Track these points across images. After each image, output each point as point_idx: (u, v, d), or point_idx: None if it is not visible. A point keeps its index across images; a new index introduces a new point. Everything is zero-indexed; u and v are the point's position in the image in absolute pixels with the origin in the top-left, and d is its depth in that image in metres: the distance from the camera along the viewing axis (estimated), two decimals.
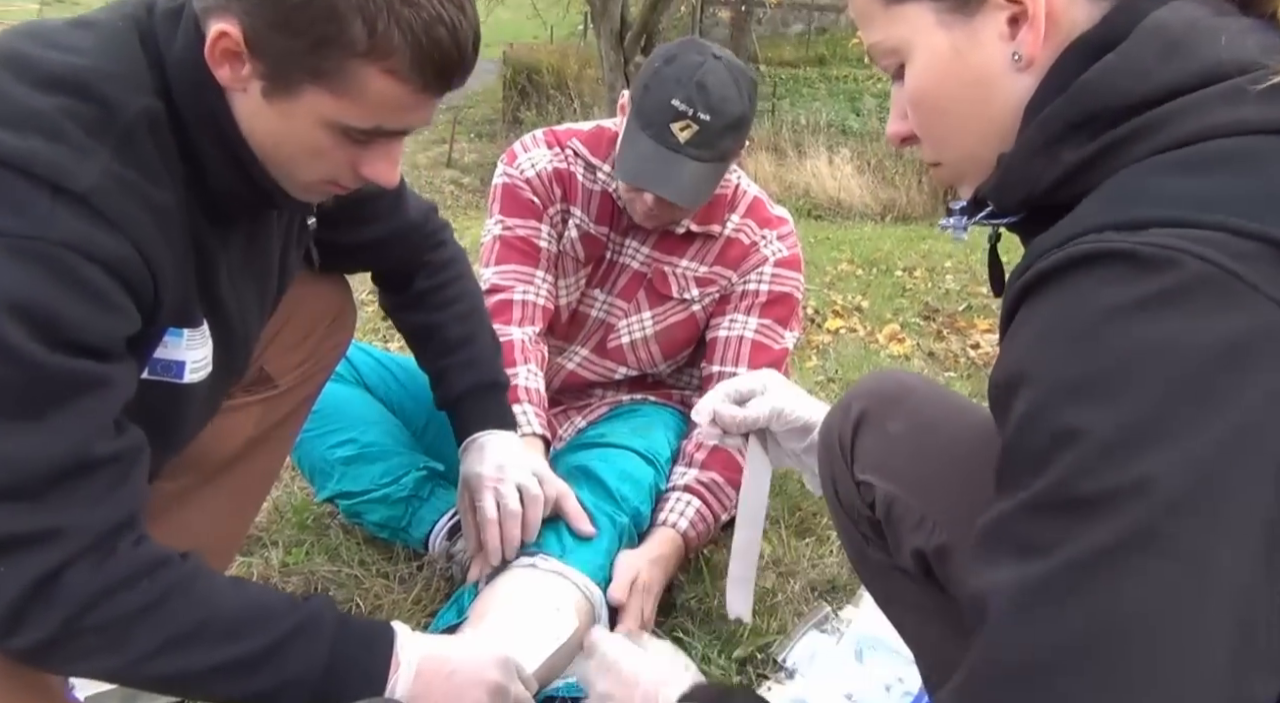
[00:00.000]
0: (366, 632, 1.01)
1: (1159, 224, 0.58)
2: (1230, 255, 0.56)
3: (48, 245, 0.81)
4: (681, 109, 1.55)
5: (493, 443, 1.43)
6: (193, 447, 1.32)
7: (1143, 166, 0.64)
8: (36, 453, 0.83)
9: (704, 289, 1.78)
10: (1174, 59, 0.65)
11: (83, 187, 0.83)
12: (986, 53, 0.73)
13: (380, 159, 0.97)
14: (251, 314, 1.13)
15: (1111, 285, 0.58)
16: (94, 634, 0.87)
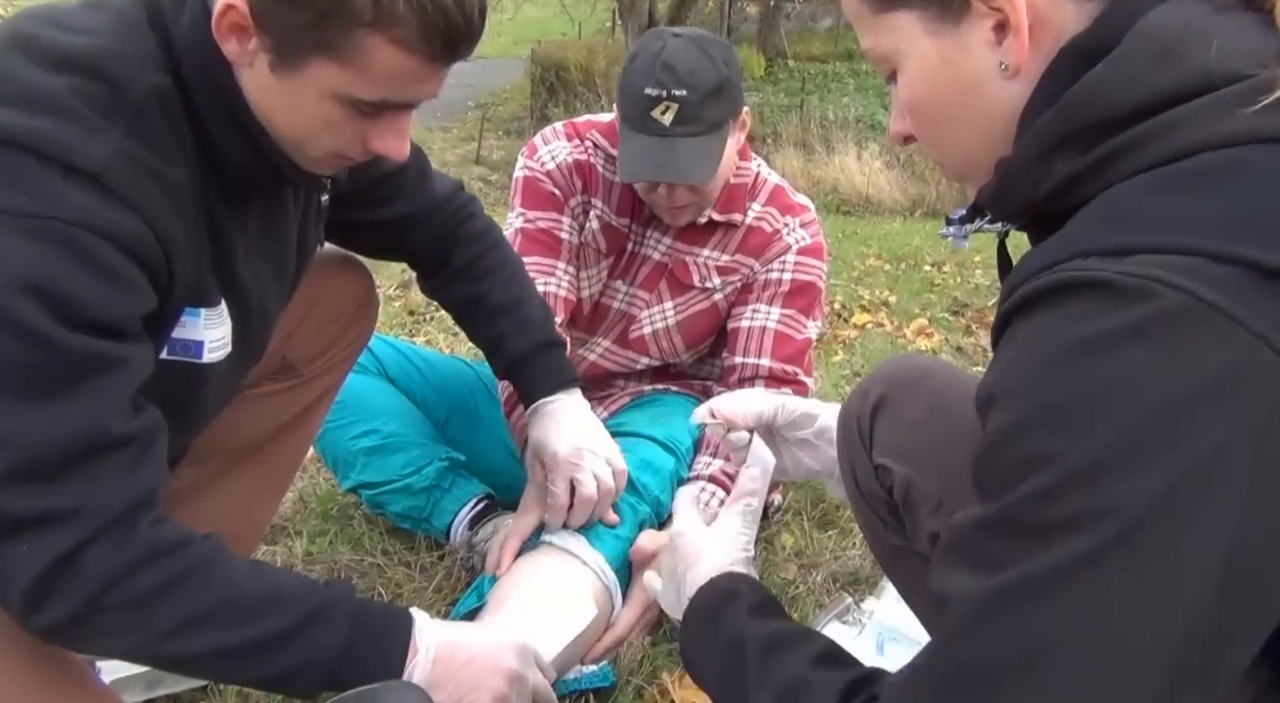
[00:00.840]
0: (384, 617, 1.01)
1: (1142, 250, 0.58)
2: (1209, 284, 0.55)
3: (61, 224, 0.81)
4: (654, 94, 1.55)
5: (566, 412, 1.42)
6: (217, 433, 1.34)
7: (1133, 184, 0.63)
8: (54, 432, 0.83)
9: (726, 278, 1.77)
10: (1167, 66, 0.63)
11: (94, 165, 0.83)
12: (974, 61, 0.72)
13: (389, 132, 0.97)
14: (270, 293, 1.13)
15: (1088, 315, 0.58)
16: (114, 612, 0.87)
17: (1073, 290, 0.59)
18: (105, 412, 0.86)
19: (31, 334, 0.81)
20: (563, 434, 1.40)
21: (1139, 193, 0.62)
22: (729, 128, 1.62)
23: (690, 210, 1.70)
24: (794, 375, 1.72)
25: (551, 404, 1.43)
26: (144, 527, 0.89)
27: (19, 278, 0.80)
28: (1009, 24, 0.69)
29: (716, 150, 1.59)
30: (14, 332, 0.80)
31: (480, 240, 1.47)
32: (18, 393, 0.82)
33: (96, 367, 0.86)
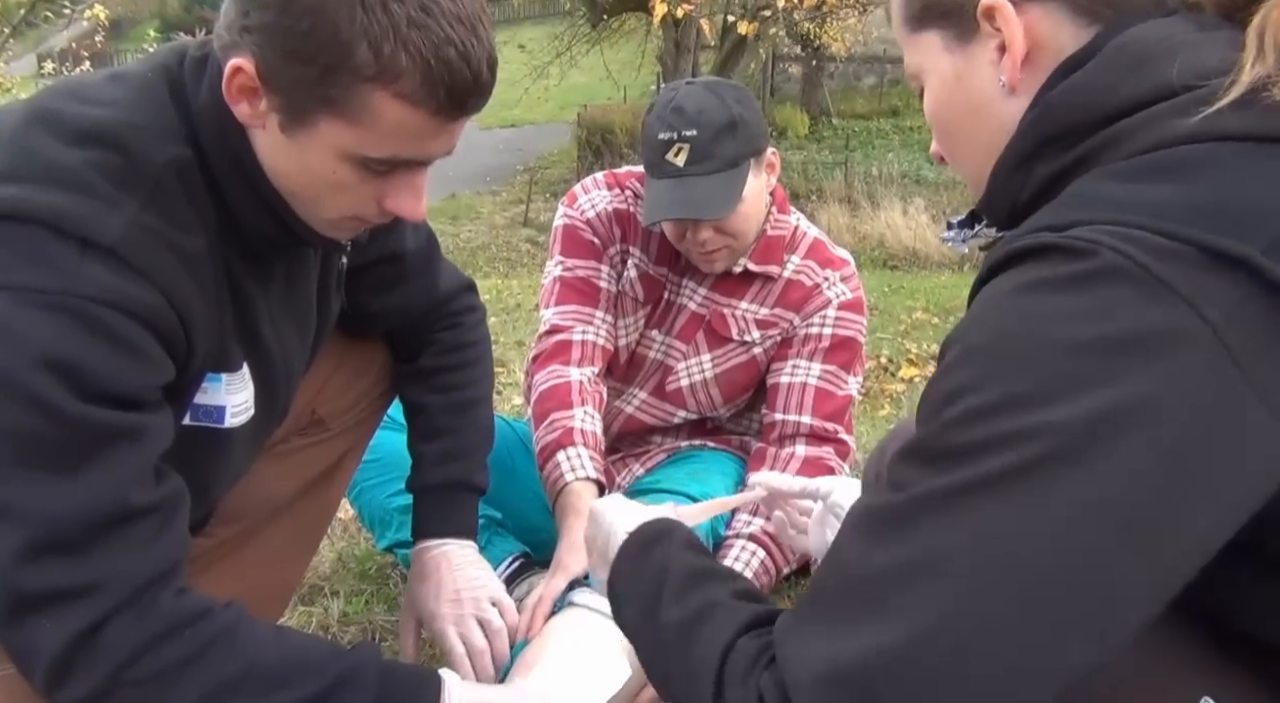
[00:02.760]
0: (412, 680, 0.98)
1: (1088, 224, 0.61)
2: (1149, 252, 0.57)
3: (77, 300, 0.81)
4: (666, 137, 1.57)
5: (446, 560, 1.32)
6: (248, 490, 1.32)
7: (1093, 175, 0.66)
8: (74, 505, 0.83)
9: (765, 332, 1.74)
10: (1138, 75, 0.67)
11: (110, 239, 0.84)
12: (981, 78, 0.78)
13: (403, 191, 0.96)
14: (293, 353, 1.12)
15: (1031, 271, 0.62)
16: (136, 688, 0.86)
17: (1025, 256, 0.63)
18: (125, 483, 0.86)
19: (49, 408, 0.81)
20: (441, 589, 1.29)
21: (1097, 181, 0.66)
22: (748, 166, 1.61)
23: (723, 256, 1.68)
24: (834, 433, 1.68)
25: (434, 549, 1.33)
26: (166, 598, 0.88)
27: (36, 353, 0.80)
28: None
29: (734, 187, 1.58)
30: (32, 406, 0.80)
31: (455, 353, 1.41)
32: (37, 467, 0.82)
33: (114, 438, 0.85)
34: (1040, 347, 0.59)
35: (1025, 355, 0.60)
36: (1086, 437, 0.56)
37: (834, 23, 14.39)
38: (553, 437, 1.56)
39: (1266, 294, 0.57)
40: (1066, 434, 0.57)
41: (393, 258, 1.30)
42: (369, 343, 1.42)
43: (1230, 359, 0.56)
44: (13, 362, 0.79)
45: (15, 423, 0.80)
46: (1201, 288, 0.56)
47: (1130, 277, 0.57)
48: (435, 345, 1.40)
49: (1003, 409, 0.59)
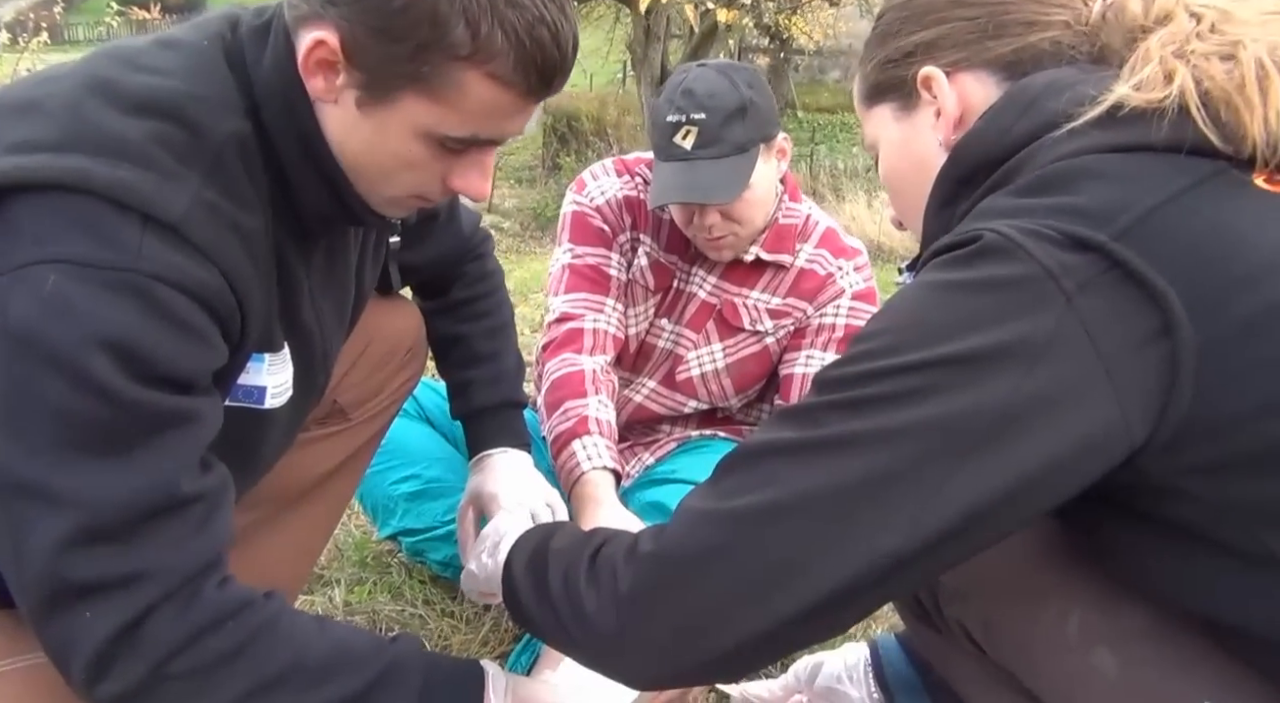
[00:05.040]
0: (457, 673, 0.96)
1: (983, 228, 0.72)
2: (1023, 233, 0.69)
3: (139, 277, 0.78)
4: (675, 120, 1.56)
5: (507, 461, 1.38)
6: (265, 480, 1.29)
7: (990, 198, 0.77)
8: (123, 492, 0.79)
9: (778, 321, 1.73)
10: (1029, 115, 0.78)
11: (173, 216, 0.80)
12: (923, 141, 0.89)
13: (472, 170, 0.94)
14: (332, 333, 1.09)
15: (931, 265, 0.74)
16: (180, 682, 0.83)
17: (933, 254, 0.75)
18: (175, 471, 0.82)
19: (102, 390, 0.77)
20: (500, 479, 1.35)
21: (993, 201, 0.76)
22: (757, 151, 1.60)
23: (729, 243, 1.67)
24: None
25: (495, 455, 1.39)
26: (209, 590, 0.85)
27: (92, 332, 0.76)
28: None
29: (742, 172, 1.57)
30: (84, 387, 0.77)
31: (482, 282, 1.46)
32: (85, 451, 0.78)
33: (167, 424, 0.82)
34: (924, 306, 0.72)
35: (911, 311, 0.73)
36: (944, 373, 0.68)
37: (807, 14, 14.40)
38: (567, 425, 1.54)
39: (1113, 271, 0.67)
40: (930, 370, 0.68)
41: (429, 215, 1.31)
42: (393, 333, 1.39)
43: (1079, 322, 0.66)
44: (67, 339, 0.75)
45: (65, 403, 0.76)
46: (1062, 262, 0.67)
47: (1005, 251, 0.68)
48: (464, 278, 1.44)
49: (883, 351, 0.71)
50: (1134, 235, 0.67)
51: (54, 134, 0.80)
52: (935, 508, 0.68)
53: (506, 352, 1.45)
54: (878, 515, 0.69)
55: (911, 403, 0.69)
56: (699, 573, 0.74)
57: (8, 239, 0.77)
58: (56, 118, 0.81)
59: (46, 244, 0.76)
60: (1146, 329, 0.66)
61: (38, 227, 0.77)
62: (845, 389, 0.72)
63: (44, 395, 0.76)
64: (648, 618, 0.77)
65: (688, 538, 0.76)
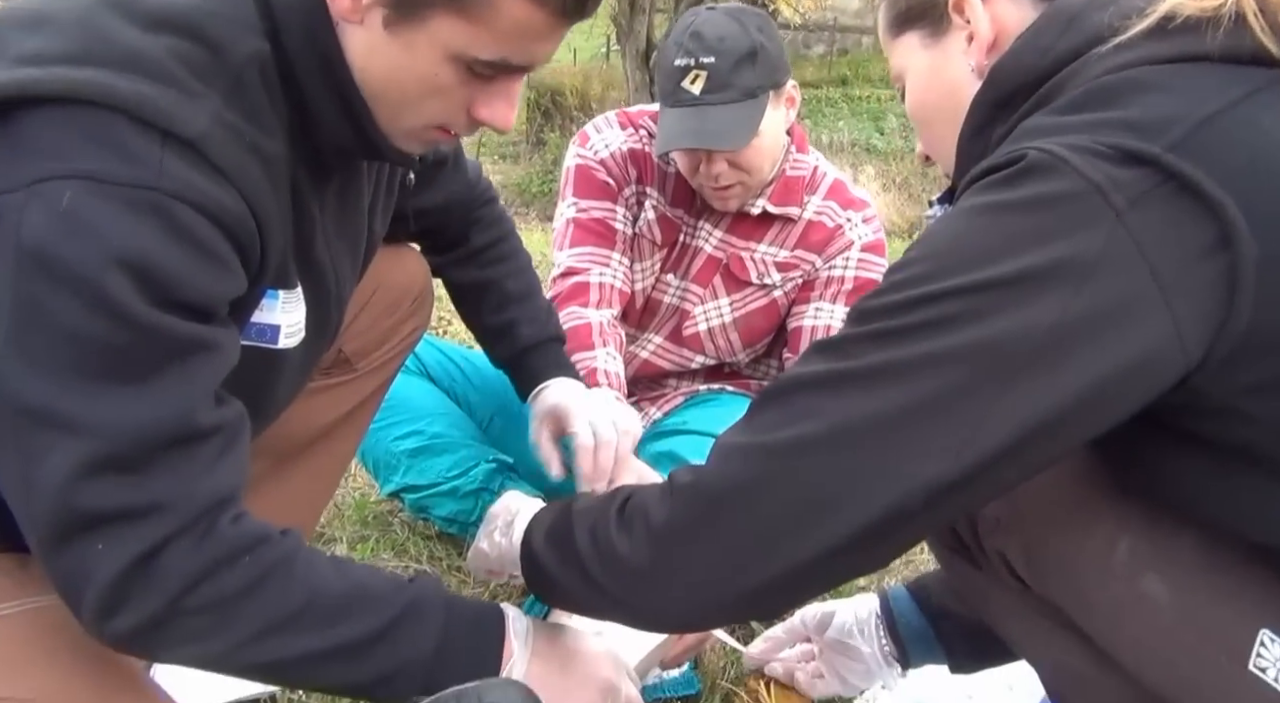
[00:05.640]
0: (477, 614, 0.94)
1: None
2: (1070, 149, 0.66)
3: (160, 196, 0.74)
4: (683, 63, 1.52)
5: (569, 386, 1.37)
6: (269, 430, 1.26)
7: (1033, 117, 0.74)
8: (139, 420, 0.76)
9: (786, 274, 1.71)
10: (1071, 32, 0.75)
11: (194, 133, 0.77)
12: (954, 67, 0.87)
13: (498, 98, 0.90)
14: (345, 275, 1.06)
15: (974, 188, 0.71)
16: (195, 616, 0.80)
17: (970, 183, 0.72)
18: (192, 400, 0.79)
19: (120, 313, 0.73)
20: (568, 395, 1.34)
21: (1036, 120, 0.73)
22: (767, 97, 1.56)
23: (736, 193, 1.64)
24: None
25: (555, 383, 1.37)
26: (225, 524, 0.82)
27: (110, 250, 0.72)
28: None
29: (752, 119, 1.54)
30: (101, 309, 0.73)
31: (498, 225, 1.44)
32: (100, 376, 0.75)
33: (186, 352, 0.78)
34: (964, 230, 0.69)
35: (950, 237, 0.70)
36: (989, 297, 0.66)
37: None
38: None
39: (1168, 184, 0.64)
40: (975, 293, 0.66)
41: (442, 160, 1.29)
42: (400, 281, 1.37)
43: (1130, 239, 0.63)
44: (83, 258, 0.72)
45: (80, 326, 0.73)
46: (1112, 177, 0.64)
47: (1050, 168, 0.66)
48: (479, 223, 1.42)
49: (922, 278, 0.68)
50: (1189, 146, 0.64)
51: (69, 47, 0.76)
52: (980, 435, 0.66)
53: (538, 290, 1.44)
54: (919, 444, 0.67)
55: (953, 329, 0.66)
56: (738, 505, 0.72)
57: (20, 153, 0.73)
58: (70, 31, 0.77)
59: (62, 158, 0.73)
60: (1203, 243, 0.63)
61: (53, 140, 0.73)
62: (883, 319, 0.70)
63: (57, 317, 0.73)
64: (685, 551, 0.75)
65: (726, 471, 0.75)
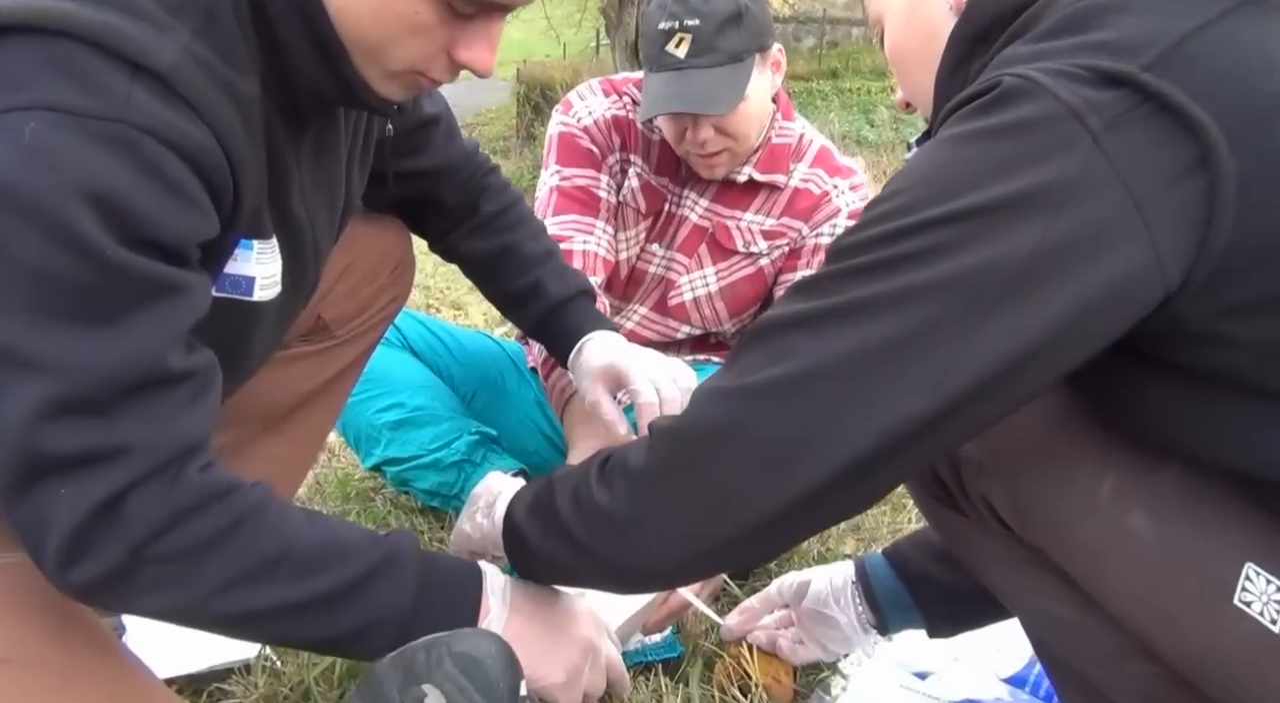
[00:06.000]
0: (454, 571, 0.91)
1: None
2: (1045, 73, 0.65)
3: (128, 130, 0.71)
4: (667, 26, 1.50)
5: (614, 340, 1.32)
6: (245, 397, 1.23)
7: (1009, 48, 0.73)
8: (105, 360, 0.73)
9: (773, 242, 1.69)
10: None
11: (163, 66, 0.74)
12: (932, 6, 0.85)
13: (479, 40, 0.87)
14: (322, 229, 1.03)
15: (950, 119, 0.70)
16: (160, 566, 0.77)
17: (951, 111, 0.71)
18: (162, 343, 0.76)
19: (87, 249, 0.70)
20: (620, 350, 1.28)
21: (1012, 50, 0.72)
22: (753, 61, 1.54)
23: (723, 160, 1.62)
24: None
25: (597, 336, 1.32)
26: (192, 472, 0.79)
27: (79, 186, 0.70)
28: None
29: (738, 83, 1.52)
30: (67, 245, 0.70)
31: (506, 193, 1.41)
32: (67, 315, 0.72)
33: (155, 292, 0.75)
34: (940, 161, 0.68)
35: (926, 168, 0.68)
36: (966, 226, 0.64)
37: None
38: None
39: (1145, 104, 0.62)
40: (951, 224, 0.64)
41: (425, 122, 1.27)
42: (380, 247, 1.34)
43: (1107, 162, 0.62)
44: (49, 192, 0.69)
45: (46, 263, 0.70)
46: (1088, 100, 0.63)
47: (1025, 93, 0.64)
48: (487, 191, 1.38)
49: (898, 212, 0.67)
50: (1166, 64, 0.63)
51: None
52: (960, 368, 0.65)
53: (557, 251, 1.40)
54: (899, 379, 0.66)
55: (931, 261, 0.65)
56: (718, 447, 0.71)
57: None
58: None
59: (25, 89, 0.70)
60: (1182, 162, 0.62)
61: (15, 71, 0.70)
62: (859, 254, 0.68)
63: (20, 253, 0.70)
64: (666, 496, 0.74)
65: (704, 414, 0.74)
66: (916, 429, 0.66)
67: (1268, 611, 0.66)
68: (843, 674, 1.21)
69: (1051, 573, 0.79)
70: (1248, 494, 0.70)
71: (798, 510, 0.70)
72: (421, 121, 1.27)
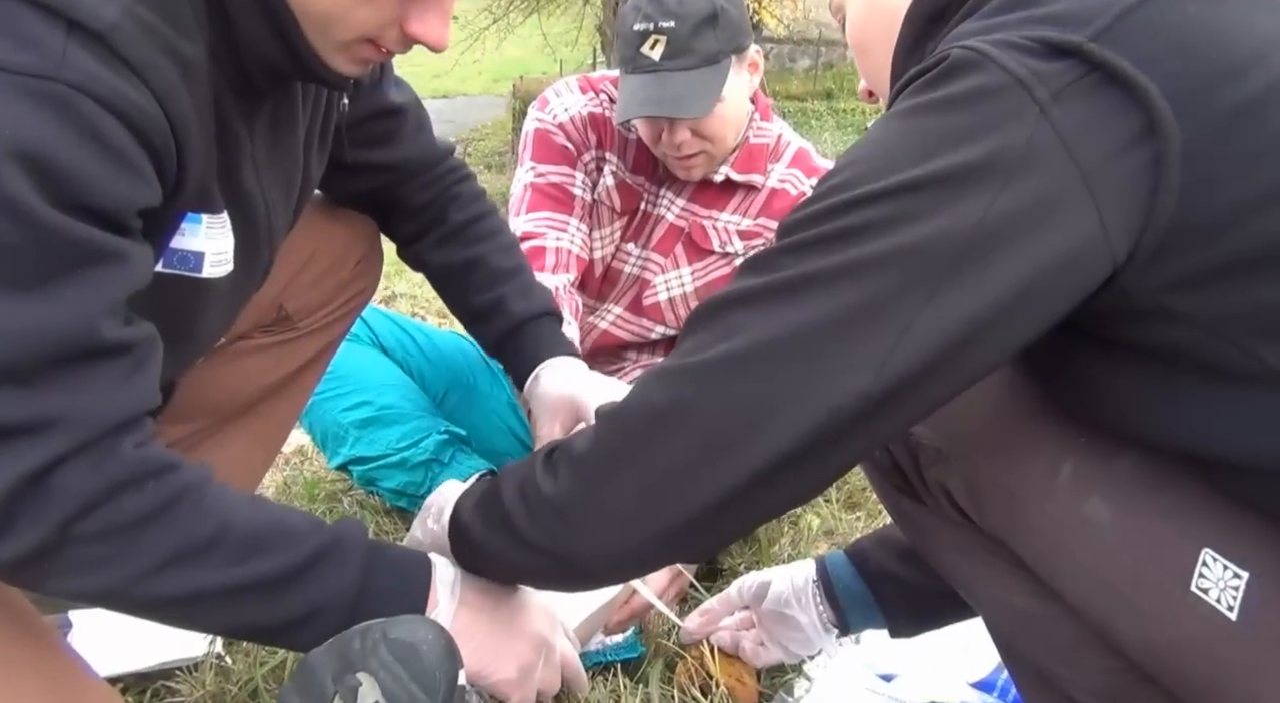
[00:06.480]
0: (402, 560, 0.88)
1: None
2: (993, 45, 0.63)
3: (60, 87, 0.69)
4: (642, 28, 1.48)
5: (572, 367, 1.27)
6: (205, 388, 1.21)
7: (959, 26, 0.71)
8: (35, 327, 0.70)
9: (749, 243, 1.67)
10: None
11: (102, 24, 0.71)
12: None
13: (430, 12, 0.85)
14: (276, 208, 1.01)
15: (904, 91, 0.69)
16: (89, 544, 0.74)
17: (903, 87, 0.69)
18: (96, 312, 0.73)
19: (16, 209, 0.68)
20: (577, 381, 1.25)
21: (961, 27, 0.70)
22: (729, 63, 1.53)
23: (700, 162, 1.60)
24: None
25: (554, 364, 1.27)
26: (127, 447, 0.76)
27: (7, 144, 0.67)
28: None
29: (713, 85, 1.50)
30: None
31: (478, 203, 1.36)
32: None
33: (89, 259, 0.72)
34: (887, 135, 0.67)
35: (873, 143, 0.67)
36: (912, 199, 0.63)
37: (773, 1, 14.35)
38: None
39: (1091, 74, 0.61)
40: (896, 196, 0.63)
41: (391, 111, 1.22)
42: (346, 239, 1.31)
43: (1054, 133, 0.61)
44: None
45: None
46: (1035, 70, 0.62)
47: (972, 64, 0.63)
48: (458, 199, 1.33)
49: (844, 186, 0.66)
50: (1112, 34, 0.62)
51: None
52: (907, 342, 0.63)
53: (526, 267, 1.34)
54: (845, 355, 0.64)
55: (876, 234, 0.63)
56: (662, 429, 0.69)
57: None
58: None
59: None
60: (1129, 133, 0.61)
61: None
62: (806, 229, 0.67)
63: None
64: (611, 480, 0.71)
65: (648, 396, 0.71)
66: (865, 407, 0.64)
67: (1224, 597, 0.64)
68: (807, 677, 1.18)
69: (1010, 563, 0.77)
70: (1204, 478, 0.68)
71: (745, 493, 0.68)
72: (388, 109, 1.23)
